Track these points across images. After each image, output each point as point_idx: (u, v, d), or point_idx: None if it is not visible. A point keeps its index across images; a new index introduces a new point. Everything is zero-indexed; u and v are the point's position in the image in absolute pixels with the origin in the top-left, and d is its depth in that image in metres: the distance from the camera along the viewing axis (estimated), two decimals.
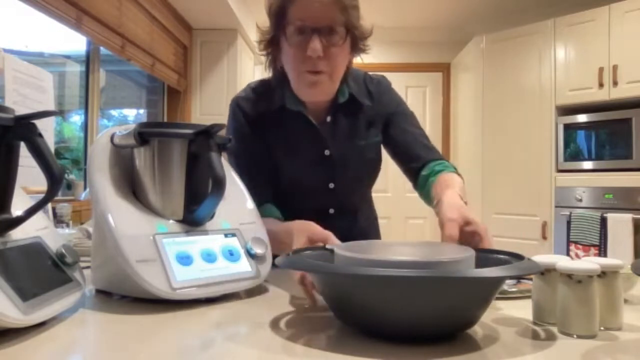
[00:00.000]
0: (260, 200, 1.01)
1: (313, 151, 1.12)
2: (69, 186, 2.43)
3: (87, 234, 1.22)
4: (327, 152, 1.12)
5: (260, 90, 1.15)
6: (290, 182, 1.12)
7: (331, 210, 1.16)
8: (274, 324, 0.73)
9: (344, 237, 1.14)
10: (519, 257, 0.67)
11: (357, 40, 1.04)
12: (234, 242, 0.85)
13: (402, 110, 1.19)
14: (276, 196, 1.10)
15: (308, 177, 1.12)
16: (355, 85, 1.15)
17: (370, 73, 1.21)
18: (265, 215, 0.99)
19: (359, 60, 1.16)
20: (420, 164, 1.12)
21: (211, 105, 3.70)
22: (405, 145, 1.16)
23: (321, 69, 0.99)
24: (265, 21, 1.06)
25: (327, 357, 0.57)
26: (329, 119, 1.12)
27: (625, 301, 0.70)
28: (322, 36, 0.96)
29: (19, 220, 0.66)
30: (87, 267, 0.83)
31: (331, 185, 1.14)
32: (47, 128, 1.51)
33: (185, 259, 0.76)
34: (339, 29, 0.98)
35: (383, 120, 1.17)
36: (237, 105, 1.15)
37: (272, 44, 1.05)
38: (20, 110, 0.66)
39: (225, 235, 0.85)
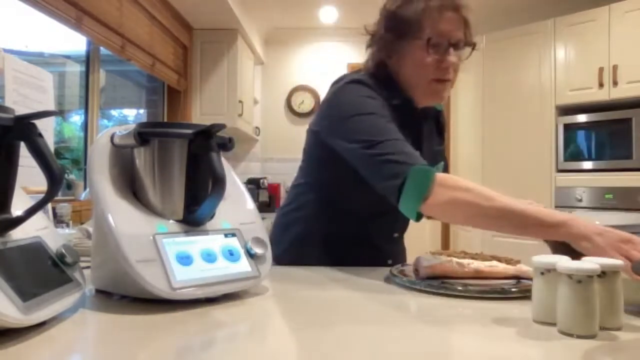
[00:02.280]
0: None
1: None
2: (69, 186, 2.43)
3: (87, 234, 1.22)
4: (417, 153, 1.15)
5: (375, 82, 1.11)
6: None
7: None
8: (274, 324, 0.74)
9: (400, 234, 1.26)
10: None
11: (470, 54, 1.13)
12: (234, 242, 0.85)
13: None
14: (356, 191, 1.07)
15: None
16: None
17: None
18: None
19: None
20: None
21: (211, 105, 3.70)
22: (443, 168, 1.29)
23: (449, 78, 1.08)
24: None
25: (327, 356, 0.57)
26: (423, 123, 1.19)
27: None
28: (455, 50, 1.07)
29: (19, 220, 0.66)
30: (87, 267, 0.83)
31: None
32: (47, 128, 1.51)
33: (185, 259, 0.76)
34: (463, 44, 1.09)
35: (443, 134, 1.29)
36: (362, 82, 1.09)
37: (393, 48, 1.10)
38: (20, 110, 0.66)
39: (225, 235, 0.85)
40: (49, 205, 1.38)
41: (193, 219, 0.82)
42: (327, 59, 4.29)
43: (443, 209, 0.90)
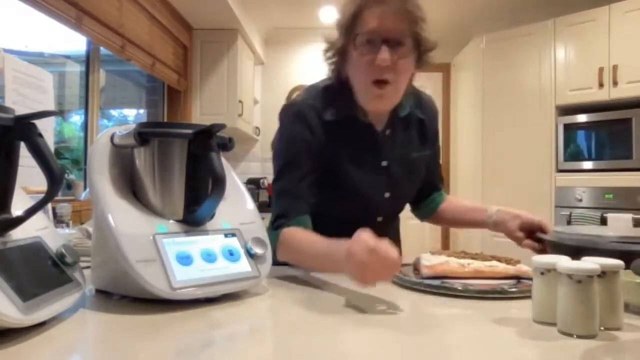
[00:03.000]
0: (299, 212, 1.03)
1: (372, 161, 1.11)
2: (69, 186, 2.43)
3: (87, 234, 1.22)
4: (384, 163, 1.12)
5: (325, 97, 1.11)
6: (347, 191, 1.09)
7: (379, 218, 1.17)
8: (274, 324, 0.74)
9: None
10: None
11: (422, 54, 1.05)
12: (234, 242, 0.85)
13: (438, 136, 1.27)
14: (326, 204, 1.08)
15: (366, 187, 1.11)
16: (412, 98, 1.16)
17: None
18: (299, 225, 1.02)
19: None
20: (432, 191, 1.28)
21: (211, 105, 3.70)
22: (432, 172, 1.26)
23: (387, 79, 1.00)
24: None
25: (327, 356, 0.57)
26: (388, 131, 1.12)
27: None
28: (391, 47, 0.97)
29: (19, 220, 0.66)
30: (87, 267, 0.83)
31: (387, 195, 1.14)
32: (47, 128, 1.51)
33: (185, 259, 0.76)
34: (407, 41, 0.99)
35: (432, 137, 1.22)
36: (300, 112, 1.09)
37: (338, 54, 1.07)
38: (20, 110, 0.66)
39: (225, 235, 0.85)
40: (49, 205, 1.38)
41: (193, 219, 0.82)
42: None
43: (286, 259, 1.02)
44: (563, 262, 0.65)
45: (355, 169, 1.10)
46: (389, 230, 1.26)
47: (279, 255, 1.01)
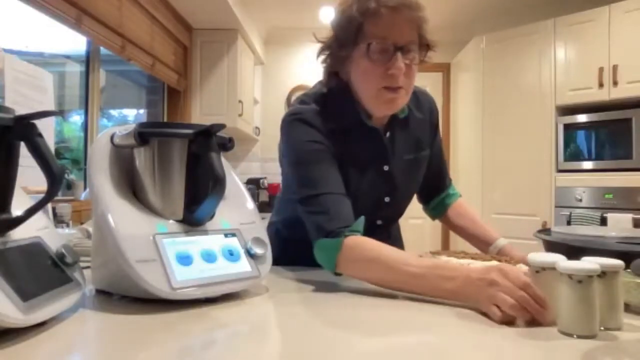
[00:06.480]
0: (351, 216, 0.96)
1: (375, 166, 1.10)
2: (69, 186, 2.43)
3: (87, 234, 1.22)
4: (386, 168, 1.11)
5: (325, 103, 1.08)
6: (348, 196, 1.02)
7: (379, 222, 1.15)
8: (274, 324, 0.74)
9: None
10: None
11: (426, 55, 1.05)
12: (234, 242, 0.85)
13: (439, 133, 1.26)
14: None
15: (367, 191, 1.09)
16: (410, 98, 1.13)
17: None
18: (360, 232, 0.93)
19: None
20: (439, 190, 1.30)
21: (211, 105, 3.70)
22: (436, 171, 1.26)
23: (401, 85, 0.99)
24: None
25: (327, 356, 0.57)
26: (388, 134, 1.11)
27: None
28: (403, 54, 0.98)
29: (19, 220, 0.66)
30: (87, 267, 0.83)
31: (387, 199, 1.13)
32: (47, 128, 1.51)
33: (185, 259, 0.76)
34: (416, 46, 1.00)
35: (431, 136, 1.21)
36: (304, 120, 1.05)
37: (339, 57, 1.04)
38: (20, 110, 0.66)
39: (225, 235, 0.85)
40: (49, 205, 1.38)
41: (193, 219, 0.82)
42: None
43: (354, 273, 0.92)
44: (563, 262, 0.65)
45: (358, 174, 1.07)
46: (390, 233, 1.25)
47: (344, 266, 0.91)
